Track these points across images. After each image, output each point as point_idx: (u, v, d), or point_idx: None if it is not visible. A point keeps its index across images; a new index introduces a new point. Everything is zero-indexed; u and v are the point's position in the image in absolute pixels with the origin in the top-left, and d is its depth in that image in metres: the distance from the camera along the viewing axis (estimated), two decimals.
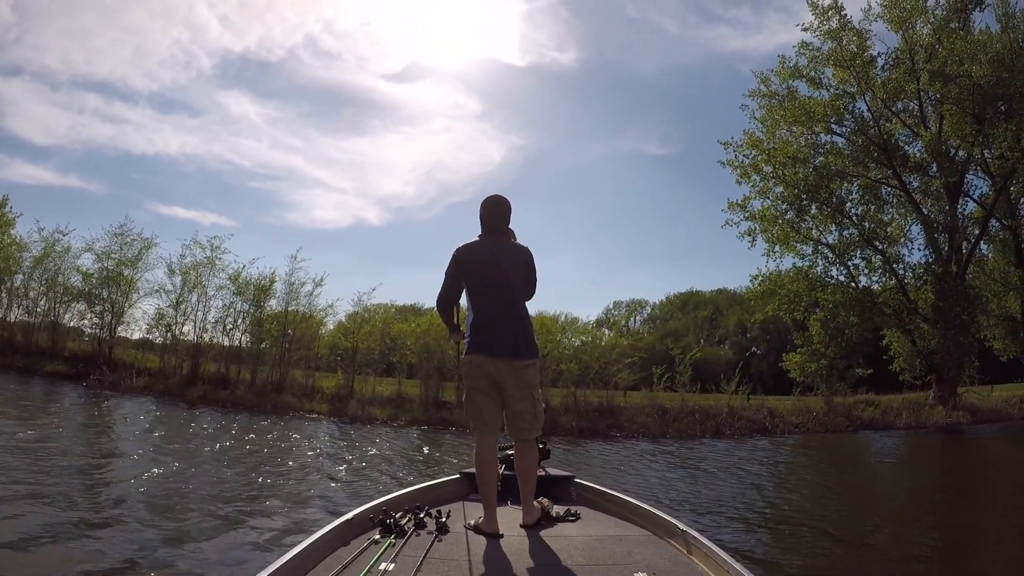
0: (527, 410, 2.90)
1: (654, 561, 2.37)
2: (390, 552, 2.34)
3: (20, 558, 3.92)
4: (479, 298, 2.95)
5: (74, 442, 8.66)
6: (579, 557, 2.43)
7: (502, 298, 2.92)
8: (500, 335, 2.88)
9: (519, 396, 2.89)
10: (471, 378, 2.92)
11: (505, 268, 2.94)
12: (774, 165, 20.89)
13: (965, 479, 10.28)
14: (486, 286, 2.94)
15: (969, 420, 18.80)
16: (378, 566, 2.18)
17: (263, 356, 19.02)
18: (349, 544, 2.46)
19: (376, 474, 8.26)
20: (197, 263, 18.95)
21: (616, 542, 2.65)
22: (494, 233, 3.04)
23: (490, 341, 2.87)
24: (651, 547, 2.58)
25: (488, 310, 2.92)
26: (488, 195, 3.11)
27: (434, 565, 2.26)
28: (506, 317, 2.92)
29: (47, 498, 5.36)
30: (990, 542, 5.75)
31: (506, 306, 2.93)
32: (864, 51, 20.47)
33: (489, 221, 3.05)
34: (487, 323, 2.91)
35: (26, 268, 19.39)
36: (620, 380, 17.76)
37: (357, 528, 2.63)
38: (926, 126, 21.12)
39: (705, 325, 54.06)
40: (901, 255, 21.59)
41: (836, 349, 19.92)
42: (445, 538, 2.61)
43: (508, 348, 2.87)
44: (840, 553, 5.30)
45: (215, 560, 4.24)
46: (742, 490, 8.29)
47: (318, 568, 2.18)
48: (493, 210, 3.05)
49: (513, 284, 2.95)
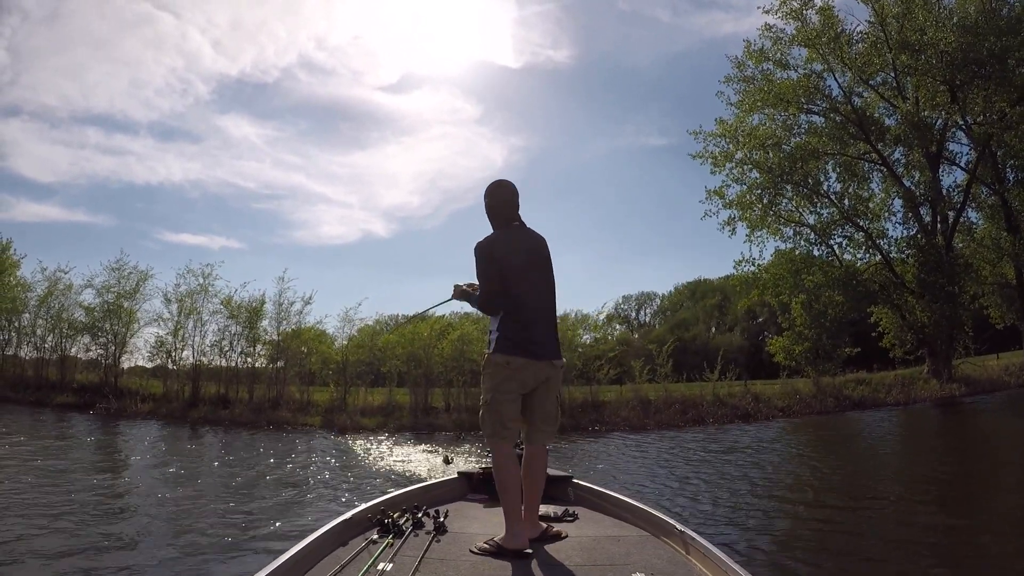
0: (553, 413, 2.78)
1: (652, 561, 2.36)
2: (388, 552, 2.34)
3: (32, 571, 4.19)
4: (516, 297, 2.69)
5: (83, 466, 9.19)
6: (577, 558, 2.42)
7: (539, 294, 2.76)
8: (541, 335, 2.70)
9: (550, 398, 2.76)
10: (501, 380, 2.65)
11: (538, 262, 2.79)
12: (745, 151, 20.86)
13: (958, 455, 10.10)
14: (524, 282, 2.71)
15: (964, 392, 18.47)
16: (376, 566, 2.18)
17: (259, 375, 19.75)
18: (347, 544, 2.46)
19: (354, 479, 8.73)
20: (191, 291, 19.83)
21: (614, 543, 2.64)
22: (512, 223, 2.83)
23: (532, 342, 2.67)
24: (649, 547, 2.57)
25: (528, 308, 2.70)
26: (491, 182, 2.90)
27: (432, 565, 2.26)
28: (545, 315, 2.76)
29: (57, 516, 5.73)
30: (989, 530, 5.50)
31: (545, 303, 2.78)
32: (832, 28, 20.33)
33: (504, 211, 2.83)
34: (528, 322, 2.69)
35: (32, 307, 20.55)
36: (602, 376, 18.01)
37: (355, 528, 2.64)
38: (904, 97, 20.87)
39: (715, 313, 53.62)
40: (884, 230, 21.37)
41: (819, 330, 19.80)
42: (443, 538, 2.61)
43: (551, 348, 2.72)
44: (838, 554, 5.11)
45: (216, 564, 4.50)
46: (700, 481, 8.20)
47: (316, 568, 2.19)
48: (505, 198, 2.84)
49: (548, 278, 2.82)
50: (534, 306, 2.72)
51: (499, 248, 2.73)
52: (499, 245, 2.74)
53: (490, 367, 2.68)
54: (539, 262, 2.81)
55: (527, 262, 2.75)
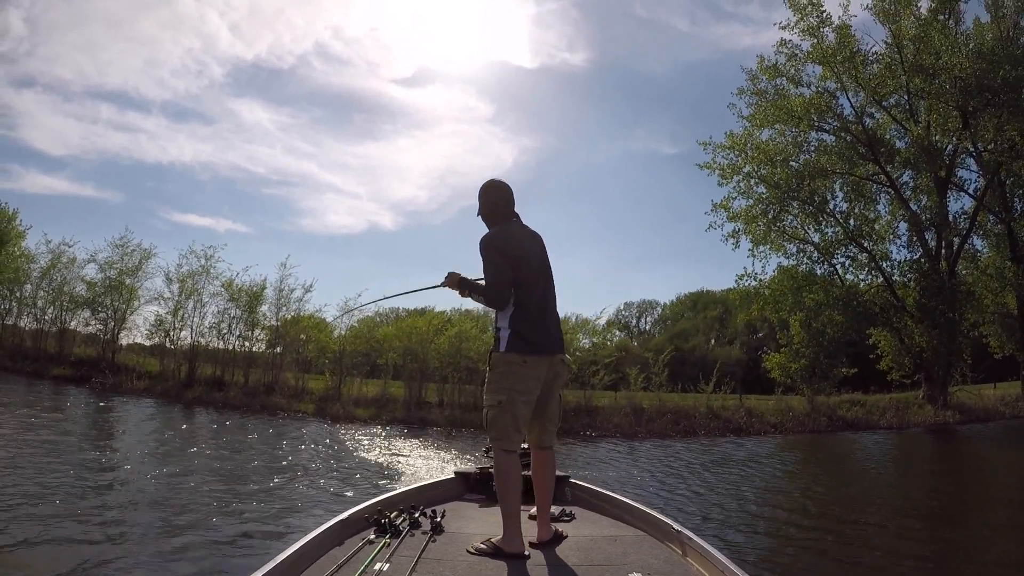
0: (557, 412, 2.76)
1: (649, 562, 2.35)
2: (385, 552, 2.34)
3: (19, 556, 4.13)
4: (527, 291, 2.65)
5: (76, 442, 9.19)
6: (574, 558, 2.41)
7: (544, 288, 2.73)
8: (549, 330, 2.68)
9: (555, 396, 2.73)
10: (518, 379, 2.56)
11: (543, 256, 2.81)
12: (753, 165, 20.85)
13: (951, 478, 10.22)
14: (533, 277, 2.69)
15: (959, 419, 18.44)
16: (373, 566, 2.17)
17: (255, 359, 19.83)
18: (344, 544, 2.45)
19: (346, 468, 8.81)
20: (193, 271, 19.91)
21: (611, 543, 2.63)
22: (513, 218, 2.84)
23: (543, 338, 2.63)
24: (646, 548, 2.56)
25: (536, 304, 2.66)
26: (487, 181, 2.87)
27: (429, 565, 2.26)
28: (550, 310, 2.75)
29: (48, 497, 5.63)
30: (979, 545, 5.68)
31: (550, 298, 2.77)
32: (848, 47, 20.30)
33: (506, 207, 2.82)
34: (539, 317, 2.65)
35: (34, 279, 20.67)
36: (596, 381, 18.03)
37: (352, 528, 2.63)
38: (916, 120, 20.83)
39: (715, 325, 53.54)
40: (888, 252, 21.33)
41: (817, 348, 19.78)
42: (440, 538, 2.60)
43: (557, 343, 2.70)
44: None
45: (210, 558, 4.41)
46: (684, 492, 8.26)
47: (313, 568, 2.17)
48: (507, 195, 2.84)
49: (549, 274, 2.81)
50: (544, 300, 2.69)
51: (510, 241, 2.68)
52: (509, 238, 2.69)
53: (503, 366, 2.57)
54: (544, 256, 2.81)
55: (534, 256, 2.74)
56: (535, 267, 2.71)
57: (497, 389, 2.57)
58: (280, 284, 20.18)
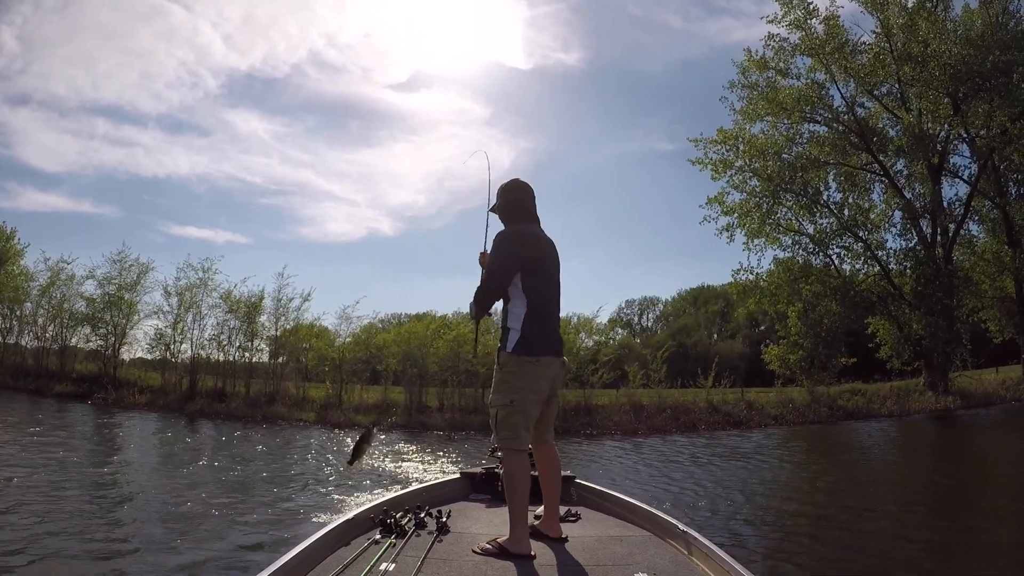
0: (556, 410, 2.82)
1: (654, 562, 2.36)
2: (391, 552, 2.35)
3: (32, 572, 4.18)
4: (539, 293, 2.67)
5: (81, 458, 9.26)
6: (579, 558, 2.42)
7: (554, 292, 2.78)
8: (555, 332, 2.74)
9: (556, 397, 2.79)
10: (531, 380, 2.59)
11: (557, 263, 2.82)
12: (744, 159, 20.87)
13: (953, 465, 10.18)
14: (546, 280, 2.72)
15: (960, 405, 18.41)
16: (379, 566, 2.18)
17: (256, 370, 19.92)
18: (350, 544, 2.46)
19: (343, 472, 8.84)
20: (191, 284, 20.01)
21: (616, 543, 2.64)
22: (534, 220, 2.83)
23: (552, 340, 2.68)
24: (651, 548, 2.57)
25: (547, 307, 2.70)
26: (510, 179, 2.87)
27: (434, 565, 2.26)
28: (556, 313, 2.80)
29: (55, 513, 5.68)
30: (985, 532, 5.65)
31: (558, 302, 2.80)
32: (836, 37, 20.31)
33: (529, 205, 2.81)
34: (548, 320, 2.70)
35: (34, 297, 20.80)
36: (596, 380, 18.06)
37: (358, 528, 2.64)
38: (907, 109, 20.83)
39: (717, 319, 53.51)
40: (883, 241, 21.33)
41: (815, 339, 19.78)
42: (446, 538, 2.61)
43: (560, 345, 2.77)
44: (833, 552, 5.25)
45: (216, 562, 4.49)
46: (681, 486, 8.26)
47: (319, 568, 2.19)
48: (531, 194, 2.83)
49: (559, 281, 2.83)
50: (550, 303, 2.72)
51: (529, 239, 2.69)
52: (530, 236, 2.71)
53: (515, 366, 2.57)
54: (558, 264, 2.82)
55: (550, 258, 2.77)
56: (550, 272, 2.74)
57: (508, 389, 2.57)
58: (278, 294, 20.30)
